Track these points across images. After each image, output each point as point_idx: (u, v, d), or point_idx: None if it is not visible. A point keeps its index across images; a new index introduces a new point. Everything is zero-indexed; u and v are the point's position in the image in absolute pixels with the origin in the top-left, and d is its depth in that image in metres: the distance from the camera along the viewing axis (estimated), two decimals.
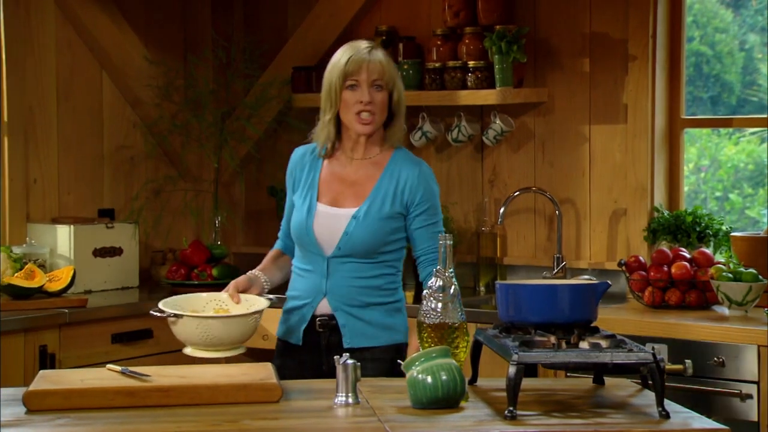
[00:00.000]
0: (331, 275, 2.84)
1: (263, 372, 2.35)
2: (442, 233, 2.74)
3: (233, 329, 2.64)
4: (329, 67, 2.86)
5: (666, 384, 2.14)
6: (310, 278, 2.87)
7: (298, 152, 2.98)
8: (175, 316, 2.66)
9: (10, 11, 4.07)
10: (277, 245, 3.04)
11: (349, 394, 2.22)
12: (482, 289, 4.24)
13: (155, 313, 2.71)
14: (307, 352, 2.85)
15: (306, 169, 2.92)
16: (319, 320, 2.85)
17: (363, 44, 2.86)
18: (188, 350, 2.70)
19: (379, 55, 2.83)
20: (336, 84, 2.81)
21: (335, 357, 2.25)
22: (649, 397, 2.27)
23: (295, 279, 2.93)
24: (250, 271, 2.90)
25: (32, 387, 2.22)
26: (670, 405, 2.17)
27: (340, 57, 2.84)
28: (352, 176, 2.87)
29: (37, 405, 2.17)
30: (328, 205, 2.86)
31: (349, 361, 2.21)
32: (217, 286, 4.23)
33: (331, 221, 2.84)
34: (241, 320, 2.65)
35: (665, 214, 3.97)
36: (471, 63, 4.12)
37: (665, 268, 3.74)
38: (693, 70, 4.27)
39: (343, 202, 2.86)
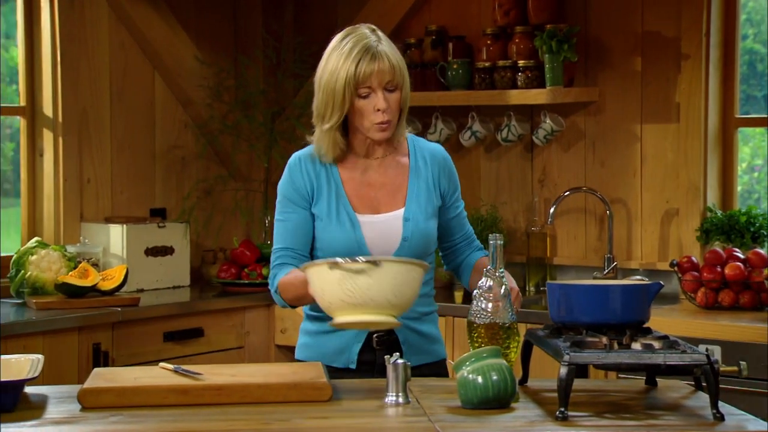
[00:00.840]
0: None
1: (313, 371, 2.35)
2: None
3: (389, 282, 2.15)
4: (329, 70, 2.55)
5: (720, 386, 2.11)
6: None
7: (306, 157, 2.66)
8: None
9: (64, 13, 4.12)
10: (286, 272, 2.58)
11: (400, 394, 2.22)
12: (532, 289, 4.22)
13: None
14: (358, 374, 2.57)
15: (324, 178, 2.63)
16: (376, 337, 2.57)
17: (366, 40, 2.54)
18: (338, 319, 2.23)
19: (387, 52, 2.54)
20: (344, 92, 2.52)
21: (385, 356, 2.25)
22: (703, 398, 2.24)
23: None
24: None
25: (87, 384, 2.25)
26: (724, 407, 2.14)
27: (344, 60, 2.53)
28: (379, 178, 2.63)
29: (91, 402, 2.20)
30: (369, 214, 2.61)
31: (400, 361, 2.21)
32: (267, 286, 4.26)
33: (382, 229, 2.59)
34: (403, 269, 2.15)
35: (718, 214, 3.93)
36: (521, 62, 4.10)
37: (718, 269, 3.69)
38: (747, 68, 4.21)
39: (381, 207, 2.62)
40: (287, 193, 2.64)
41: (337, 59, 2.55)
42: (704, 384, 2.13)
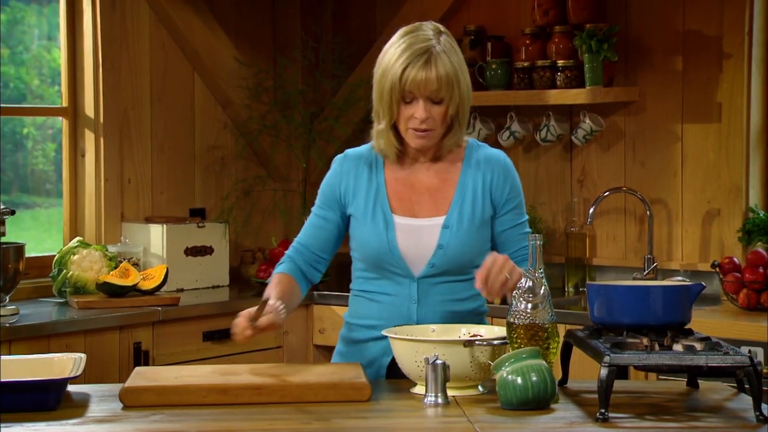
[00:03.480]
0: (422, 299, 2.51)
1: (353, 371, 2.36)
2: (530, 234, 2.65)
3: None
4: (382, 67, 2.48)
5: (763, 388, 2.09)
6: (393, 303, 2.52)
7: (350, 157, 2.60)
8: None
9: (106, 15, 4.16)
10: (285, 268, 2.58)
11: (439, 394, 2.22)
12: (571, 289, 4.20)
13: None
14: None
15: (365, 177, 2.55)
16: None
17: (423, 44, 2.45)
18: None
19: (440, 61, 2.44)
20: (391, 95, 2.46)
21: (425, 357, 2.25)
22: (746, 401, 2.22)
23: (367, 305, 2.56)
24: (271, 300, 2.42)
25: (128, 383, 2.26)
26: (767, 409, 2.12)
27: (394, 62, 2.45)
28: (425, 182, 2.54)
29: (132, 401, 2.22)
30: (406, 216, 2.52)
31: (439, 361, 2.21)
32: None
33: (417, 235, 2.50)
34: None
35: (761, 215, 3.88)
36: (560, 62, 4.09)
37: (761, 270, 3.65)
38: None
39: (421, 212, 2.52)
40: (323, 190, 2.60)
41: (389, 58, 2.47)
42: (747, 386, 2.11)
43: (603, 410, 2.07)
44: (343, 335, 2.65)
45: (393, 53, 2.47)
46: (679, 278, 3.96)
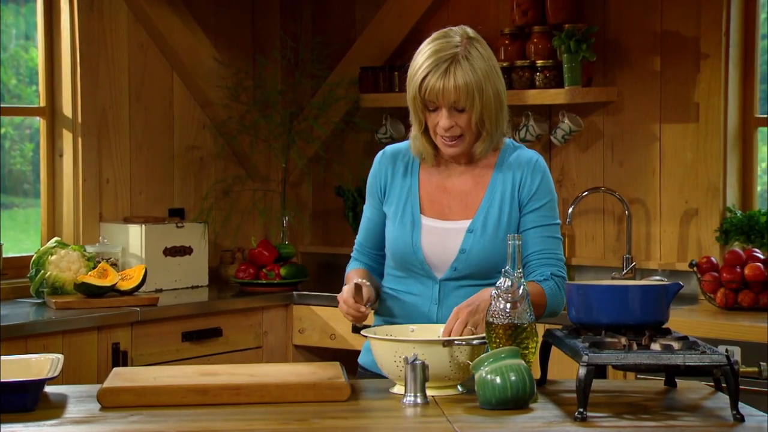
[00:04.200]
0: (443, 301, 2.51)
1: (332, 371, 2.35)
2: (559, 241, 2.55)
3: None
4: (410, 73, 2.47)
5: (740, 387, 2.10)
6: (415, 303, 2.53)
7: (388, 154, 2.61)
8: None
9: (84, 14, 4.14)
10: (355, 266, 2.65)
11: (418, 394, 2.22)
12: None
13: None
14: None
15: (400, 176, 2.57)
16: None
17: (447, 52, 2.43)
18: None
19: (461, 70, 2.42)
20: (415, 104, 2.47)
21: (404, 357, 2.25)
22: (723, 399, 2.23)
23: (392, 302, 2.57)
24: (361, 280, 2.49)
25: (106, 384, 2.25)
26: (744, 408, 2.13)
27: (417, 70, 2.45)
28: (458, 186, 2.54)
29: (110, 402, 2.21)
30: (435, 218, 2.53)
31: (418, 361, 2.21)
32: (285, 286, 4.29)
33: (442, 237, 2.50)
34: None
35: (738, 215, 3.91)
36: (539, 62, 4.10)
37: (738, 269, 3.68)
38: (767, 67, 4.19)
39: (451, 215, 2.52)
40: (369, 186, 2.63)
41: (415, 65, 2.47)
42: (724, 385, 2.12)
43: (581, 409, 2.08)
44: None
45: (418, 61, 2.47)
46: (657, 278, 3.98)
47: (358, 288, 2.46)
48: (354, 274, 2.61)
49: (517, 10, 4.18)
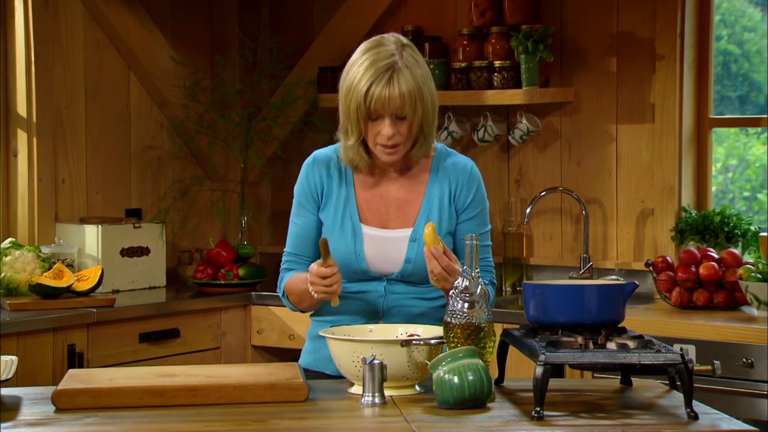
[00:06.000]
0: (389, 296, 2.55)
1: (290, 371, 2.35)
2: (489, 247, 2.61)
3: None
4: (346, 85, 2.48)
5: (694, 385, 2.13)
6: (359, 299, 2.55)
7: (320, 160, 2.60)
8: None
9: (38, 13, 4.10)
10: (292, 274, 2.60)
11: (376, 394, 2.22)
12: (508, 289, 4.23)
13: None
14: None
15: (335, 183, 2.58)
16: None
17: (386, 61, 2.45)
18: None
19: (402, 78, 2.45)
20: (357, 114, 2.47)
21: (362, 357, 2.25)
22: (677, 398, 2.25)
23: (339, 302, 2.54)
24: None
25: (61, 386, 2.23)
26: (698, 406, 2.16)
27: (358, 81, 2.45)
28: (394, 194, 2.57)
29: (66, 404, 2.19)
30: (376, 227, 2.55)
31: (376, 361, 2.21)
32: (244, 286, 4.28)
33: (385, 246, 2.53)
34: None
35: (693, 214, 3.95)
36: (497, 63, 4.11)
37: (693, 269, 3.71)
38: (721, 69, 4.24)
39: (390, 223, 2.55)
40: (298, 196, 2.61)
41: (353, 76, 2.47)
42: (678, 383, 2.14)
43: (538, 408, 2.09)
44: (310, 333, 2.65)
45: (356, 71, 2.48)
46: (614, 277, 4.02)
47: (324, 246, 2.41)
48: (298, 277, 2.55)
49: (475, 11, 4.20)
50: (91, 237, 4.09)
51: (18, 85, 4.11)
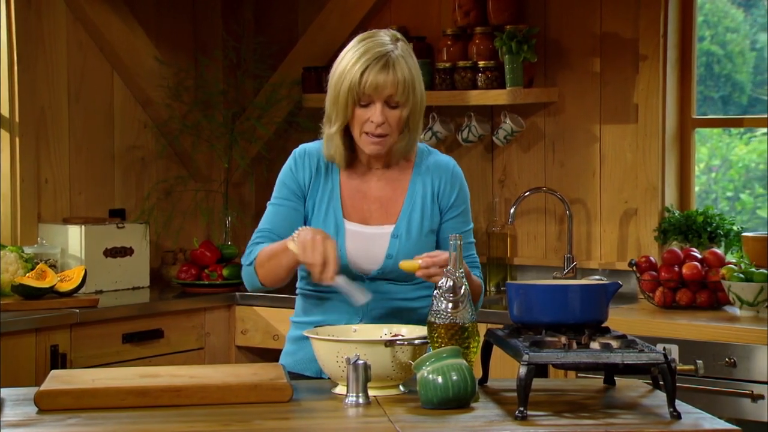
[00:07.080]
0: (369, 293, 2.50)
1: (274, 372, 2.35)
2: (473, 244, 2.63)
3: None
4: (339, 70, 2.48)
5: (677, 384, 2.13)
6: (340, 300, 2.51)
7: (309, 152, 2.59)
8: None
9: (21, 12, 4.08)
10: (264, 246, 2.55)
11: (360, 394, 2.22)
12: (492, 289, 4.24)
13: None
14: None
15: (322, 177, 2.57)
16: None
17: (381, 48, 2.45)
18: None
19: (399, 65, 2.45)
20: (347, 98, 2.46)
21: (346, 357, 2.25)
22: (660, 397, 2.26)
23: (315, 303, 2.57)
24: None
25: (44, 387, 2.22)
26: (681, 405, 2.16)
27: (352, 66, 2.45)
28: (376, 191, 2.56)
29: (48, 405, 2.18)
30: (358, 223, 2.54)
31: (360, 361, 2.21)
32: (228, 287, 4.27)
33: (366, 242, 2.52)
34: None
35: (676, 215, 3.96)
36: (481, 63, 4.12)
37: (676, 269, 3.73)
38: (704, 69, 4.26)
39: (371, 220, 2.55)
40: (286, 180, 2.59)
41: (347, 61, 2.47)
42: (661, 383, 2.15)
43: (522, 408, 2.09)
44: (290, 336, 2.64)
45: (351, 57, 2.47)
46: (597, 277, 4.03)
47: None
48: (272, 245, 2.50)
49: (459, 11, 4.20)
50: (75, 237, 4.08)
51: (1, 85, 4.09)
